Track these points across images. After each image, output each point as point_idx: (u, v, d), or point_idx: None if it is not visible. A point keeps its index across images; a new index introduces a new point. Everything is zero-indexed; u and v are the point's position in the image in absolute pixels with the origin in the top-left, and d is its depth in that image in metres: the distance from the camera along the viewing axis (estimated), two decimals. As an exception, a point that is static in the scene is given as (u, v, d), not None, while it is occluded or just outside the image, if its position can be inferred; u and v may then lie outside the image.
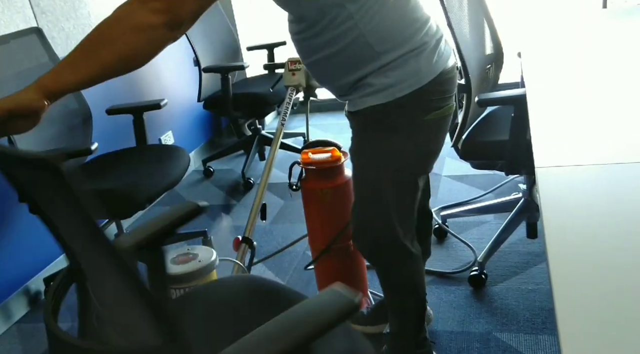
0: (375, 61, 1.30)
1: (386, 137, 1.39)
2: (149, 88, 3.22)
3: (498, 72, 2.36)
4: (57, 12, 2.54)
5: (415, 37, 1.31)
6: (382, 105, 1.33)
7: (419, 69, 1.31)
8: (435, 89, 1.35)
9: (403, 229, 1.50)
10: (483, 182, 2.85)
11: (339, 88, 1.41)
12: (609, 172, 1.06)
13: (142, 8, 1.00)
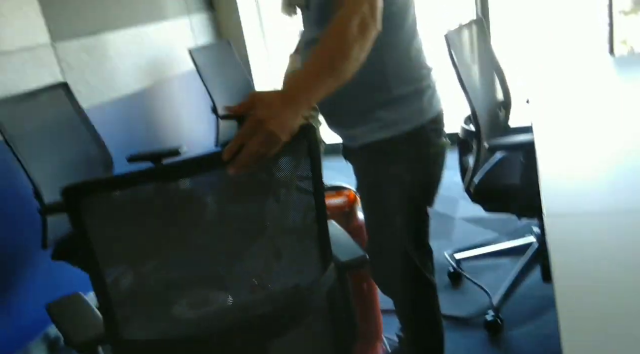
0: (386, 93, 1.41)
1: (392, 170, 1.49)
2: (168, 135, 3.32)
3: (508, 117, 2.41)
4: (83, 66, 2.67)
5: (423, 79, 1.45)
6: (390, 137, 1.44)
7: (422, 108, 1.45)
8: (432, 127, 1.48)
9: (419, 259, 1.57)
10: (497, 224, 2.85)
11: (346, 118, 1.49)
12: (618, 220, 1.08)
13: (361, 26, 1.12)
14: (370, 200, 1.57)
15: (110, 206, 0.99)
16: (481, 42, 2.27)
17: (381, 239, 1.58)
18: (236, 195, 1.05)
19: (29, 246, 2.28)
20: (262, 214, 1.10)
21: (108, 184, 1.00)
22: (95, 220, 0.96)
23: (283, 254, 1.14)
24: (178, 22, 3.48)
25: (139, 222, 1.03)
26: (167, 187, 0.99)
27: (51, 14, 2.49)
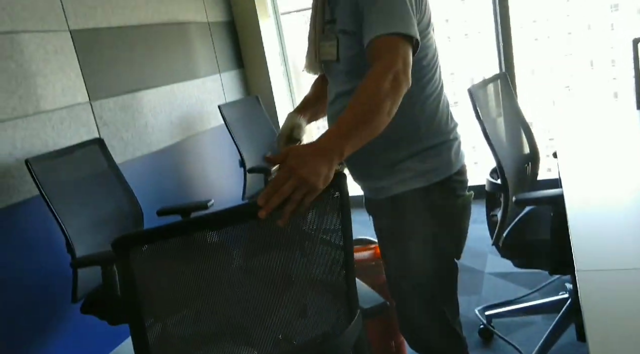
0: (417, 144, 1.44)
1: (421, 222, 1.48)
2: (197, 188, 3.38)
3: (536, 170, 2.39)
4: (118, 123, 2.77)
5: (450, 132, 1.48)
6: (422, 189, 1.45)
7: (450, 159, 1.46)
8: (458, 179, 1.49)
9: (450, 313, 1.54)
10: (528, 280, 2.78)
11: (374, 169, 1.49)
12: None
13: (394, 81, 1.19)
14: (396, 253, 1.54)
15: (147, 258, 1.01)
16: (506, 96, 2.29)
17: (408, 292, 1.56)
18: (264, 248, 1.06)
19: (59, 299, 2.31)
20: (289, 267, 1.10)
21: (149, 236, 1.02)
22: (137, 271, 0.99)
23: (310, 306, 1.13)
24: (209, 80, 3.62)
25: (170, 274, 1.05)
26: (196, 239, 1.01)
27: (90, 75, 2.62)
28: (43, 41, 2.40)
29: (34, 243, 2.25)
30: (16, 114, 2.24)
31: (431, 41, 1.42)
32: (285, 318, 1.11)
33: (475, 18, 4.47)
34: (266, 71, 3.98)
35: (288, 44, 4.21)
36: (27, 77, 2.31)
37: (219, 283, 1.06)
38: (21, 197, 2.23)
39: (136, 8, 2.97)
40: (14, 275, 2.17)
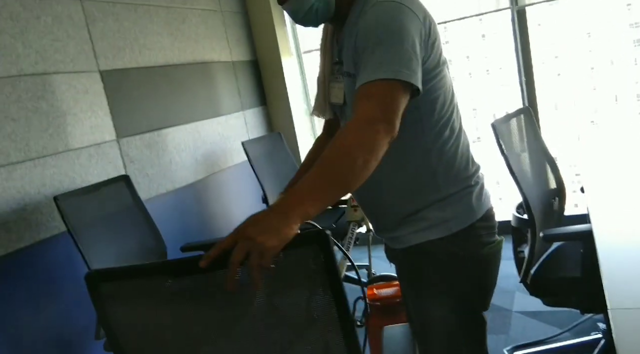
0: (435, 193, 1.36)
1: (444, 275, 1.39)
2: (220, 225, 3.40)
3: (562, 206, 2.35)
4: (144, 160, 2.82)
5: (471, 177, 1.40)
6: (439, 240, 1.36)
7: (471, 205, 1.37)
8: (484, 225, 1.39)
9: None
10: (558, 319, 2.69)
11: (391, 219, 1.42)
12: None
13: (369, 131, 1.10)
14: (415, 306, 1.48)
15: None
16: (530, 130, 2.27)
17: (434, 346, 1.47)
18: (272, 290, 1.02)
19: (83, 336, 2.31)
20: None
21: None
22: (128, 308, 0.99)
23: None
24: (233, 117, 3.68)
25: (179, 313, 1.05)
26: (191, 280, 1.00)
27: (118, 113, 2.69)
28: (73, 81, 2.48)
29: (60, 279, 2.28)
30: (46, 152, 2.30)
31: (443, 81, 1.33)
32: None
33: (496, 54, 4.50)
34: (288, 108, 4.04)
35: (310, 82, 4.27)
36: (58, 117, 2.38)
37: (235, 323, 1.05)
38: (49, 233, 2.27)
39: (163, 49, 3.06)
40: (39, 310, 2.18)
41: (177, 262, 1.03)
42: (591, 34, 4.32)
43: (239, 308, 1.03)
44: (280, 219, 0.94)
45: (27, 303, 2.14)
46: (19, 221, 2.16)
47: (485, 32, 4.60)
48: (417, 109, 1.29)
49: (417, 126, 1.32)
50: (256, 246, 0.89)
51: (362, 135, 1.09)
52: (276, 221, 0.93)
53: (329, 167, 1.06)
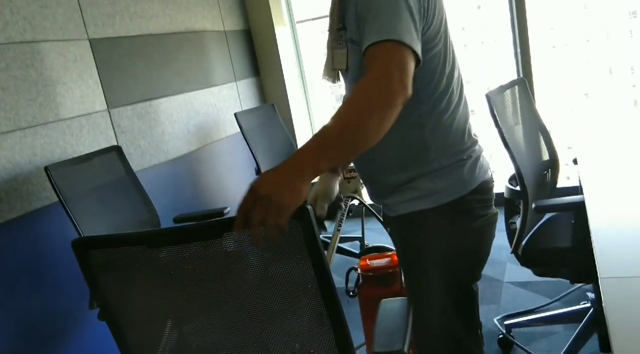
0: (426, 166, 1.35)
1: (433, 245, 1.40)
2: (213, 197, 3.39)
3: (555, 177, 2.36)
4: (135, 131, 2.80)
5: (466, 150, 1.38)
6: (429, 210, 1.36)
7: (462, 178, 1.36)
8: (477, 198, 1.38)
9: (468, 336, 1.47)
10: (548, 289, 2.73)
11: (383, 187, 1.43)
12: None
13: (383, 90, 1.08)
14: (410, 275, 1.49)
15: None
16: (524, 102, 2.26)
17: (424, 315, 1.47)
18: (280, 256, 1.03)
19: (76, 306, 2.32)
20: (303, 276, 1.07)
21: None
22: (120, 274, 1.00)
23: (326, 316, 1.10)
24: (225, 88, 3.64)
25: (177, 281, 1.05)
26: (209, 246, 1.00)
27: (108, 83, 2.65)
28: (63, 50, 2.43)
29: (53, 249, 2.27)
30: (36, 121, 2.27)
31: (443, 51, 1.30)
32: (303, 326, 1.09)
33: (491, 25, 4.45)
34: (282, 79, 4.00)
35: (304, 52, 4.22)
36: (47, 86, 2.34)
37: (228, 292, 1.05)
38: (40, 204, 2.25)
39: (153, 17, 3.01)
40: (32, 281, 2.18)
41: (166, 231, 1.03)
42: (587, 6, 4.28)
43: (228, 278, 1.04)
44: (295, 177, 0.94)
45: (20, 273, 2.14)
46: (10, 191, 2.15)
47: (480, 3, 4.54)
48: (414, 79, 1.27)
49: (412, 98, 1.31)
50: (273, 205, 0.90)
51: (378, 92, 1.08)
52: (291, 178, 0.94)
53: (343, 124, 1.05)
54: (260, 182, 0.93)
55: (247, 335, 1.12)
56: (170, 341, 1.14)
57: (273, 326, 1.09)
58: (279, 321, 1.09)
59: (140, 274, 1.06)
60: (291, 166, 0.98)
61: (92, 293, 1.07)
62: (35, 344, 2.17)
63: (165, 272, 1.04)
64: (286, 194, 0.91)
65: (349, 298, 2.03)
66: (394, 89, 1.08)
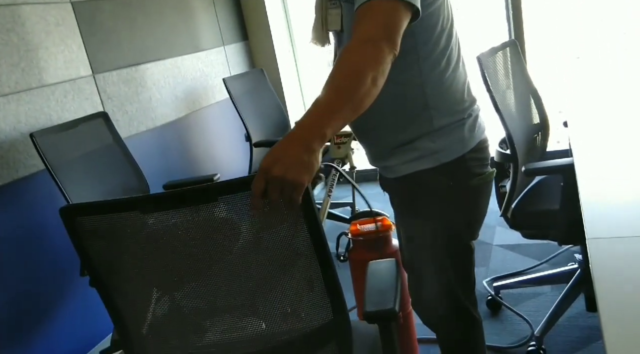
0: (427, 125, 1.35)
1: (432, 204, 1.41)
2: (203, 164, 3.37)
3: (545, 141, 2.36)
4: (122, 97, 2.75)
5: (466, 110, 1.38)
6: (430, 170, 1.37)
7: (462, 137, 1.37)
8: (475, 157, 1.39)
9: (464, 293, 1.51)
10: (536, 251, 2.77)
11: (382, 148, 1.43)
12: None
13: (372, 48, 1.08)
14: (409, 235, 1.50)
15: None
16: (515, 64, 2.24)
17: (422, 274, 1.51)
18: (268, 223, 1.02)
19: (67, 273, 2.32)
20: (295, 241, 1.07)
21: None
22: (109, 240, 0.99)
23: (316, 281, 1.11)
24: (213, 53, 3.58)
25: (165, 246, 1.05)
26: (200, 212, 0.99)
27: (92, 47, 2.59)
28: (44, 13, 2.36)
29: (42, 217, 2.26)
30: (19, 87, 2.22)
31: (442, 8, 1.29)
32: (292, 291, 1.09)
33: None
34: (271, 44, 3.93)
35: (293, 16, 4.14)
36: (29, 50, 2.28)
37: (221, 256, 1.05)
38: (27, 171, 2.23)
39: (138, -21, 2.92)
40: (21, 249, 2.18)
41: (156, 196, 1.02)
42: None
43: (220, 244, 1.03)
44: (304, 150, 0.94)
45: (9, 241, 2.13)
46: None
47: (473, -37, 4.45)
48: (413, 36, 1.25)
49: (412, 55, 1.29)
50: (288, 184, 0.90)
51: (366, 53, 1.07)
52: (300, 153, 0.94)
53: (340, 88, 1.04)
54: (270, 163, 0.92)
55: (239, 299, 1.13)
56: (161, 307, 1.14)
57: (265, 291, 1.10)
58: (271, 286, 1.09)
59: (130, 240, 1.05)
60: (297, 140, 0.96)
61: (82, 260, 1.06)
62: (27, 312, 2.18)
63: (156, 238, 1.03)
64: (298, 171, 0.91)
65: (340, 262, 2.04)
66: (382, 47, 1.08)
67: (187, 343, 1.16)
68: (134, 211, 0.99)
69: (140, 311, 1.15)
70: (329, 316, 1.04)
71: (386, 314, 1.14)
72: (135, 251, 1.07)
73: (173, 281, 1.13)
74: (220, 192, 0.94)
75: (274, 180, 0.90)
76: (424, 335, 2.07)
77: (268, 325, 1.12)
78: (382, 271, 1.33)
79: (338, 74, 1.07)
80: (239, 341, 1.12)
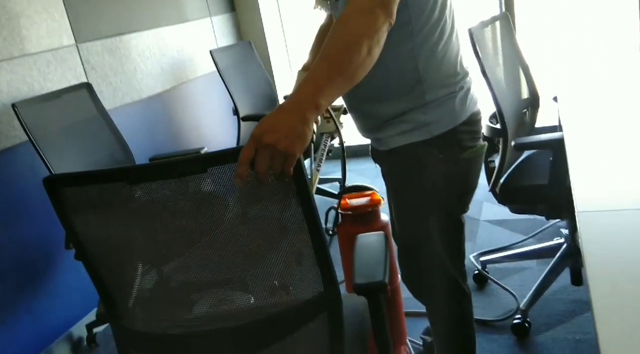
0: (419, 97, 1.35)
1: (423, 176, 1.42)
2: (189, 137, 3.33)
3: (535, 116, 2.35)
4: (106, 67, 2.69)
5: (458, 82, 1.38)
6: (421, 142, 1.37)
7: (454, 109, 1.37)
8: (466, 130, 1.40)
9: (454, 266, 1.52)
10: (523, 226, 2.79)
11: (374, 120, 1.43)
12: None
13: (368, 17, 1.06)
14: (400, 207, 1.51)
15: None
16: (506, 38, 2.22)
17: (412, 246, 1.53)
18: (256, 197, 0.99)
19: (52, 246, 2.30)
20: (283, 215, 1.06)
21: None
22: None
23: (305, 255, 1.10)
24: (200, 24, 3.50)
25: (156, 219, 1.03)
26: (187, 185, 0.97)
27: (75, 16, 2.52)
28: (24, -21, 2.29)
29: (25, 189, 2.22)
30: (1, 56, 2.16)
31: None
32: (282, 264, 1.08)
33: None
34: (259, 15, 3.86)
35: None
36: (10, 19, 2.21)
37: (210, 229, 1.04)
38: (9, 143, 2.18)
39: (121, -54, 2.83)
40: (4, 222, 2.14)
41: (143, 167, 0.99)
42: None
43: (209, 216, 1.02)
44: (298, 120, 0.91)
45: (-7, 214, 2.10)
46: (-24, 130, 2.07)
47: None
48: (406, 7, 1.24)
49: (406, 28, 1.28)
50: (279, 153, 0.87)
51: (362, 22, 1.06)
52: (294, 122, 0.91)
53: (334, 58, 1.02)
54: (263, 130, 0.89)
55: (228, 273, 1.12)
56: (149, 280, 1.13)
57: (254, 264, 1.08)
58: (260, 259, 1.08)
59: (117, 211, 1.03)
60: (291, 109, 0.94)
61: (67, 232, 1.03)
62: (11, 286, 2.15)
63: (144, 210, 1.01)
64: (292, 141, 0.89)
65: (328, 237, 2.04)
66: (378, 14, 1.06)
67: (175, 316, 1.15)
68: (121, 182, 0.97)
69: (127, 284, 1.13)
70: (319, 288, 1.03)
71: (375, 286, 1.14)
72: (121, 223, 1.05)
73: (161, 253, 1.11)
74: (210, 163, 0.92)
75: (266, 148, 0.87)
76: (412, 309, 2.09)
77: (257, 298, 1.11)
78: (370, 244, 1.32)
79: (333, 43, 1.04)
80: (230, 314, 1.11)
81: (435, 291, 1.55)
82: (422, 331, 2.00)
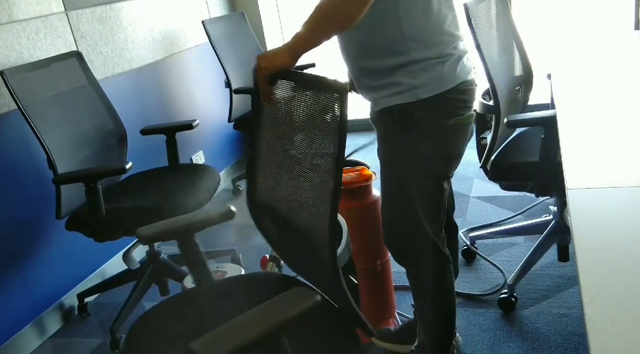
0: (404, 55, 1.39)
1: (409, 137, 1.47)
2: (181, 109, 3.30)
3: (528, 94, 2.35)
4: (96, 36, 2.64)
5: (445, 47, 1.42)
6: (407, 104, 1.42)
7: (442, 74, 1.41)
8: (456, 97, 1.44)
9: (432, 229, 1.56)
10: (513, 203, 2.82)
11: (368, 80, 1.48)
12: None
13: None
14: (387, 167, 1.57)
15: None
16: (501, 13, 2.20)
17: (395, 207, 1.58)
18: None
19: (43, 216, 2.29)
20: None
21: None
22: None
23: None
24: (192, -6, 3.44)
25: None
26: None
27: (65, -18, 2.46)
28: (11, -57, 2.23)
29: (14, 159, 2.20)
30: (-13, 23, 2.12)
31: None
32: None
33: None
34: (252, -14, 3.79)
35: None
36: (-3, -17, 2.16)
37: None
38: (-2, 111, 2.15)
39: None
40: (-5, 191, 2.13)
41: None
42: None
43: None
44: (278, 52, 1.26)
45: (-18, 183, 2.08)
46: (-37, 97, 2.03)
47: None
48: None
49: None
50: (259, 66, 1.25)
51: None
52: (275, 53, 1.26)
53: (319, 8, 1.27)
54: (262, 56, 1.26)
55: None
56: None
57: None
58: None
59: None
60: (282, 47, 1.27)
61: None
62: (2, 255, 2.15)
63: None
64: (266, 60, 1.25)
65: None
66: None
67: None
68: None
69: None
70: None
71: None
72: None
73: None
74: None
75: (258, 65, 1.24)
76: (401, 283, 2.11)
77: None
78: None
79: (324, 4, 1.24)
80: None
81: (414, 250, 1.60)
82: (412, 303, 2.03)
